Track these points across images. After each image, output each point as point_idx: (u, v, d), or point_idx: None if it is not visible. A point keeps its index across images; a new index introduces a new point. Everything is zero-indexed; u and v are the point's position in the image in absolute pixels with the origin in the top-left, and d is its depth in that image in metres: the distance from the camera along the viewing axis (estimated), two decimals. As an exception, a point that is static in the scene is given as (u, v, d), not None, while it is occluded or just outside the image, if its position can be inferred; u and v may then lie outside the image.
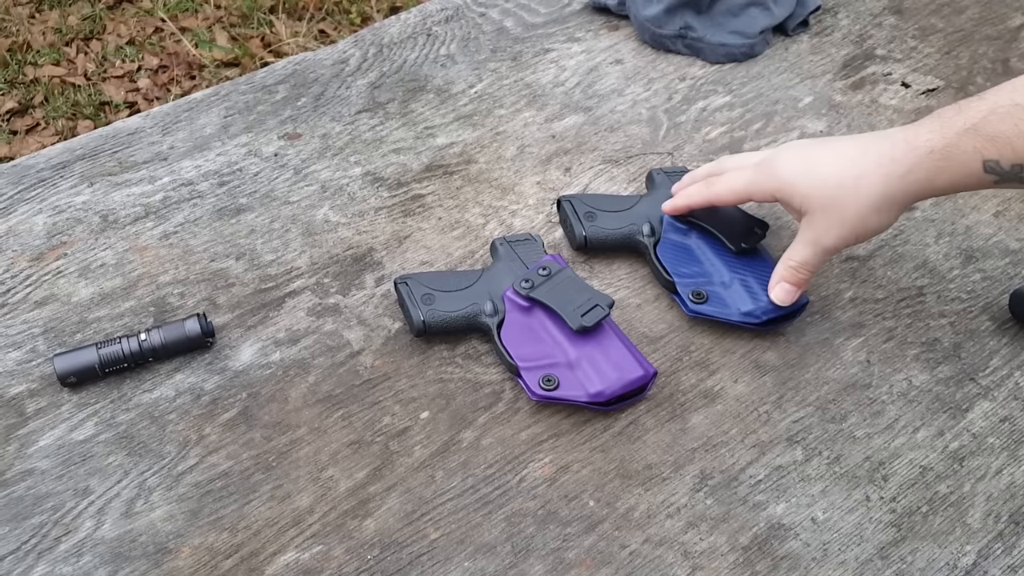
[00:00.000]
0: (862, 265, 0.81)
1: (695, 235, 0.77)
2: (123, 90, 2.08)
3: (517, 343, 0.70)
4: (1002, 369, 0.74)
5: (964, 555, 0.64)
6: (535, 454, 0.68)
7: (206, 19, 2.23)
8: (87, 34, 2.20)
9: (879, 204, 0.65)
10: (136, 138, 0.89)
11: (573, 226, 0.79)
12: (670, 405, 0.71)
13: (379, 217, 0.83)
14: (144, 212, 0.82)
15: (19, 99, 2.03)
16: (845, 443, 0.70)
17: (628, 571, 0.63)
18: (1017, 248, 0.83)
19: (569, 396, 0.68)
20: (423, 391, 0.71)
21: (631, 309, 0.77)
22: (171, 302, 0.76)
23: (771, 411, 0.71)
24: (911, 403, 0.72)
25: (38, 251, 0.79)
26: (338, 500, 0.65)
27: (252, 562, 0.62)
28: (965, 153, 0.61)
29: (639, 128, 0.92)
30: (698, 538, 0.64)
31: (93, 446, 0.67)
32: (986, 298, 0.79)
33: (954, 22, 1.05)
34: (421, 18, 1.03)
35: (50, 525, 0.63)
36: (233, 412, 0.69)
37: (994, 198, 0.87)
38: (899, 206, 0.66)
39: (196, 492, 0.65)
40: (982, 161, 0.61)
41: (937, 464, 0.69)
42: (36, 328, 0.73)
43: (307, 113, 0.92)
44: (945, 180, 0.63)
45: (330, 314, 0.76)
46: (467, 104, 0.94)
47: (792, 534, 0.65)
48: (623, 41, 1.01)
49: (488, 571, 0.62)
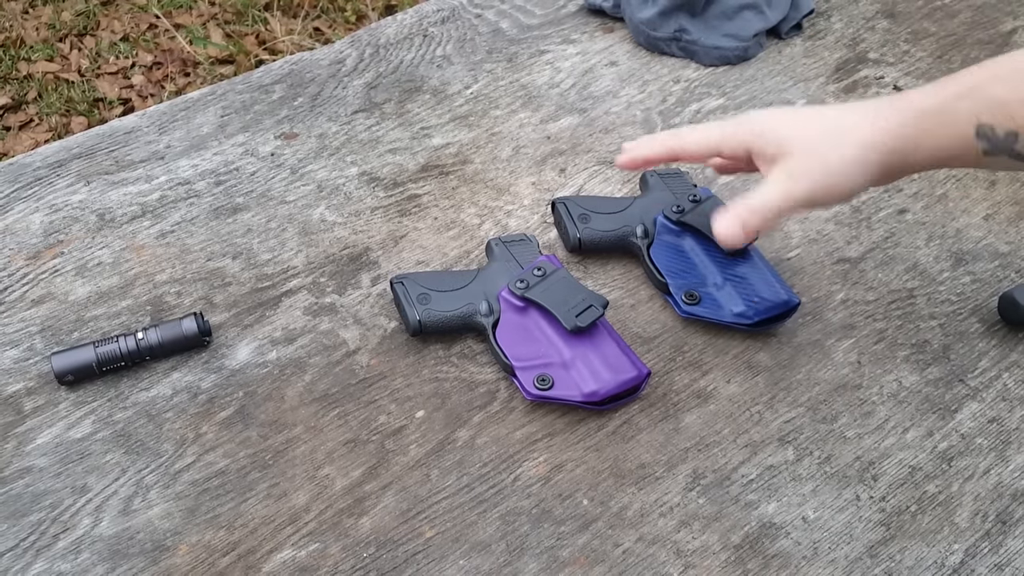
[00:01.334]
0: (853, 267, 0.82)
1: (688, 237, 0.78)
2: (117, 86, 2.07)
3: (512, 343, 0.71)
4: (991, 371, 0.75)
5: (952, 554, 0.65)
6: (529, 453, 0.69)
7: (200, 16, 2.23)
8: (81, 30, 2.19)
9: (864, 157, 0.60)
10: (133, 137, 0.89)
11: (567, 228, 0.79)
12: (663, 405, 0.72)
13: (375, 217, 0.84)
14: (141, 211, 0.83)
15: (12, 95, 2.03)
16: (836, 443, 0.70)
17: (621, 569, 0.63)
18: (1006, 251, 0.84)
19: (563, 396, 0.69)
20: (419, 390, 0.72)
21: (625, 310, 0.78)
22: (168, 301, 0.76)
23: (763, 411, 0.72)
24: (901, 404, 0.73)
25: (35, 250, 0.79)
26: (334, 498, 0.66)
27: (249, 559, 0.62)
28: (959, 115, 0.58)
29: (634, 130, 0.93)
30: (690, 537, 0.65)
31: (91, 444, 0.67)
32: (975, 300, 0.80)
33: (946, 26, 1.06)
34: (417, 19, 1.04)
35: (48, 522, 0.63)
36: (230, 411, 0.70)
37: (984, 201, 0.88)
38: (879, 169, 0.60)
39: (193, 490, 0.65)
40: (976, 125, 0.57)
41: (926, 464, 0.70)
42: (33, 326, 0.74)
43: (304, 113, 0.92)
44: (931, 145, 0.59)
45: (326, 313, 0.76)
46: (463, 105, 0.94)
47: (783, 533, 0.66)
48: (618, 43, 1.02)
49: (483, 569, 0.63)
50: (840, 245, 0.83)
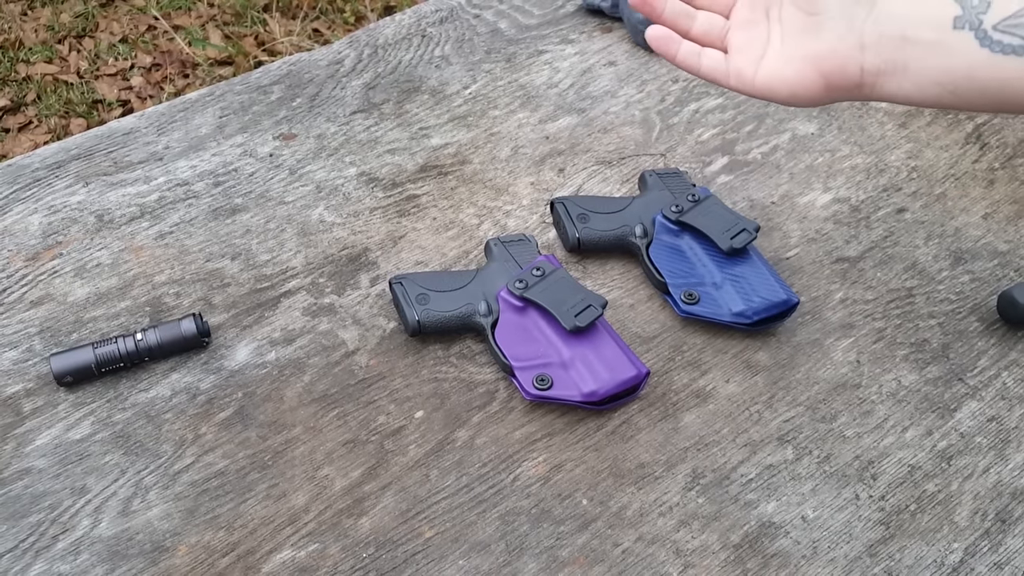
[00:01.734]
0: (852, 266, 0.82)
1: (687, 236, 0.78)
2: (116, 88, 2.07)
3: (511, 343, 0.71)
4: (990, 369, 0.75)
5: (951, 552, 0.65)
6: (529, 453, 0.69)
7: (199, 17, 2.23)
8: (80, 32, 2.19)
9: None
10: (131, 138, 0.89)
11: (566, 228, 0.79)
12: (662, 405, 0.72)
13: (374, 217, 0.84)
14: (140, 212, 0.83)
15: (11, 97, 2.03)
16: (835, 442, 0.70)
17: (621, 569, 0.63)
18: (1005, 250, 0.84)
19: (563, 395, 0.69)
20: (418, 390, 0.72)
21: (624, 309, 0.78)
22: (167, 302, 0.76)
23: (762, 411, 0.72)
24: (900, 403, 0.73)
25: (34, 251, 0.79)
26: (333, 499, 0.66)
27: (248, 560, 0.62)
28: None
29: (632, 130, 0.93)
30: (690, 536, 0.65)
31: (90, 445, 0.67)
32: (974, 299, 0.80)
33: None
34: (416, 19, 1.04)
35: (47, 524, 0.63)
36: (229, 411, 0.70)
37: (983, 200, 0.88)
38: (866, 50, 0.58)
39: (192, 491, 0.65)
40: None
41: (925, 463, 0.70)
42: (32, 328, 0.74)
43: (302, 114, 0.92)
44: (907, 13, 0.57)
45: (325, 314, 0.76)
46: (461, 105, 0.94)
47: (782, 532, 0.66)
48: (616, 43, 1.02)
49: (482, 569, 0.63)
50: (839, 244, 0.83)
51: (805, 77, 0.60)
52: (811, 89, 0.61)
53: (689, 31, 0.65)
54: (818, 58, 0.60)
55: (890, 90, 0.59)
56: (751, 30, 0.63)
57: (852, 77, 0.59)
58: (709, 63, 0.64)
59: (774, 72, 0.61)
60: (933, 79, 0.57)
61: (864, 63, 0.59)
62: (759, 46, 0.62)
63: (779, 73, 0.61)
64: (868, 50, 0.58)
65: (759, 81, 0.62)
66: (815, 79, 0.60)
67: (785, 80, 0.61)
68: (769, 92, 0.62)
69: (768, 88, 0.62)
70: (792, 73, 0.61)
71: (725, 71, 0.63)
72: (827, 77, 0.60)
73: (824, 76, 0.60)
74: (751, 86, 0.62)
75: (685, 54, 0.64)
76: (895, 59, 0.58)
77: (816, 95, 0.61)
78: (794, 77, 0.61)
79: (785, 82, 0.61)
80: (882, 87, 0.59)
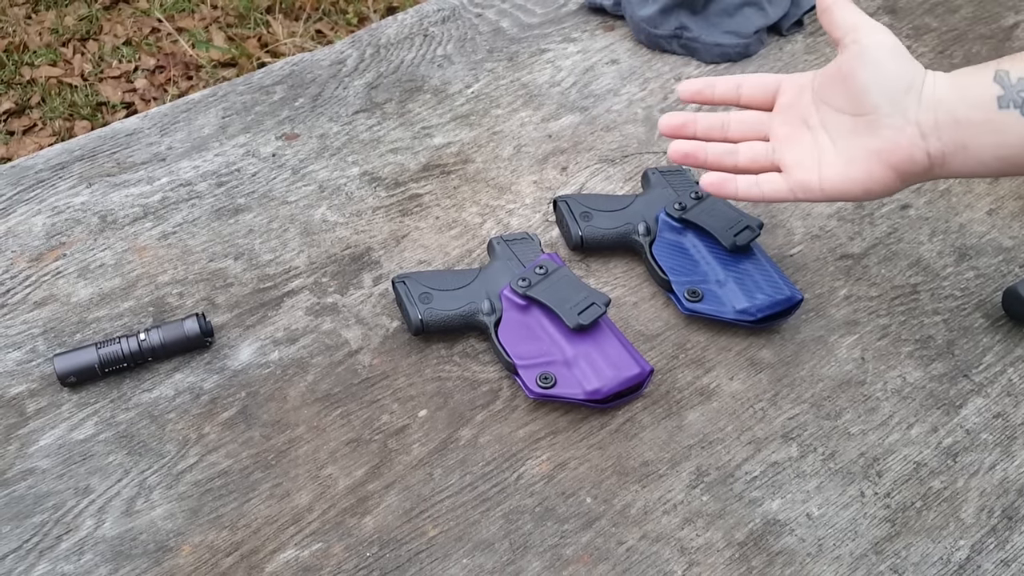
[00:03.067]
0: (856, 263, 0.81)
1: (690, 234, 0.78)
2: (120, 90, 2.08)
3: (514, 341, 0.71)
4: (995, 366, 0.75)
5: (957, 550, 0.65)
6: (532, 451, 0.68)
7: (203, 19, 2.24)
8: (84, 34, 2.20)
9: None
10: (134, 139, 0.89)
11: (569, 226, 0.79)
12: (666, 402, 0.72)
13: (377, 217, 0.83)
14: (143, 212, 0.83)
15: (16, 100, 2.04)
16: (840, 439, 0.70)
17: (625, 567, 0.63)
18: (1010, 246, 0.83)
19: (566, 394, 0.68)
20: (421, 389, 0.72)
21: (627, 307, 0.78)
22: (170, 302, 0.76)
23: (766, 408, 0.72)
24: (905, 400, 0.73)
25: (37, 252, 0.79)
26: (337, 498, 0.66)
27: (252, 560, 0.62)
28: (982, 68, 0.59)
29: (635, 128, 0.92)
30: (694, 534, 0.65)
31: (93, 445, 0.67)
32: (979, 295, 0.80)
33: (948, 21, 1.06)
34: (418, 19, 1.04)
35: (51, 524, 0.63)
36: (232, 411, 0.70)
37: (987, 196, 0.87)
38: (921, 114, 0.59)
39: (196, 491, 0.65)
40: (995, 71, 0.58)
41: (931, 460, 0.69)
42: (36, 328, 0.74)
43: (305, 113, 0.92)
44: (955, 98, 0.59)
45: (328, 313, 0.76)
46: (464, 104, 0.94)
47: (787, 530, 0.65)
48: (619, 41, 1.02)
49: (486, 568, 0.63)
50: (843, 241, 0.83)
51: (874, 173, 0.61)
52: (883, 182, 0.62)
53: (736, 166, 0.66)
54: (883, 152, 0.61)
55: (956, 168, 0.60)
56: (797, 144, 0.64)
57: (921, 163, 0.60)
58: (770, 188, 0.65)
59: (840, 175, 0.62)
60: (992, 154, 0.59)
61: (929, 149, 0.60)
62: (812, 156, 0.63)
63: (846, 175, 0.62)
64: (929, 137, 0.59)
65: (827, 187, 0.63)
66: (885, 172, 0.61)
67: (856, 180, 0.62)
68: (842, 195, 0.63)
69: (840, 191, 0.63)
70: (860, 173, 0.62)
71: (788, 189, 0.64)
72: (897, 168, 0.61)
73: (894, 168, 0.61)
74: (820, 194, 0.63)
75: (745, 188, 0.65)
76: (955, 140, 0.59)
77: (891, 186, 0.62)
78: (864, 176, 0.62)
79: (856, 182, 0.62)
80: (950, 166, 0.60)
